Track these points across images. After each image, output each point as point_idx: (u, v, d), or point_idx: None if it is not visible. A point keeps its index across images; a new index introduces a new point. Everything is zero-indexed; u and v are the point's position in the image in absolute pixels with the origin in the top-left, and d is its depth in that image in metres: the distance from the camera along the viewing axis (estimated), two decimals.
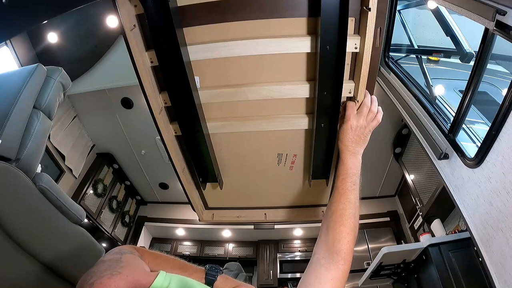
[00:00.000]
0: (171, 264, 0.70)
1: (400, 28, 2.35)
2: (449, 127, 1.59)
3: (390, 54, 2.33)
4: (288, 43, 0.88)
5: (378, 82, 2.34)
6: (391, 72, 2.26)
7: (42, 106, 1.25)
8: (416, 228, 4.18)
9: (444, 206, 3.18)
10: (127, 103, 4.00)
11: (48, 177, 1.22)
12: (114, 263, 0.55)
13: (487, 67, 1.33)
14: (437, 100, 1.92)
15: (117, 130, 4.31)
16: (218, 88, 0.99)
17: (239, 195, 1.36)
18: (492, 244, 1.24)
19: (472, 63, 1.47)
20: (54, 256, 1.16)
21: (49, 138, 3.52)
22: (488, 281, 1.28)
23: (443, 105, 1.87)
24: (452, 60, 2.18)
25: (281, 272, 5.09)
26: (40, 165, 1.80)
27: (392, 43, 2.31)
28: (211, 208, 1.43)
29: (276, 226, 4.76)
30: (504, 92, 1.13)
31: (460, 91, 1.89)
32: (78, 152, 4.16)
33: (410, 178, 3.75)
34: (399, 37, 2.36)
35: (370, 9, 0.76)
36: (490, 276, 1.24)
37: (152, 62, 0.92)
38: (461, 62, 1.86)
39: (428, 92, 2.01)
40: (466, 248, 2.62)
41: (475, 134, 1.63)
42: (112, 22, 3.02)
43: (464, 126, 1.56)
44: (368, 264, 3.98)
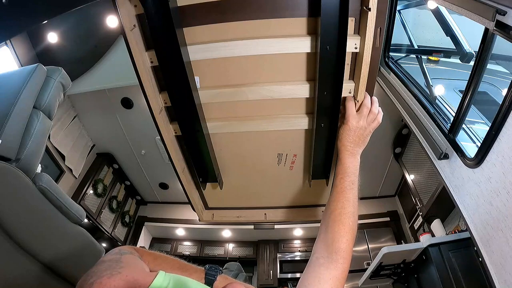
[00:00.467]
0: (171, 264, 0.70)
1: (400, 28, 2.34)
2: (449, 127, 1.59)
3: (390, 54, 2.33)
4: (288, 43, 0.88)
5: (378, 82, 2.34)
6: (391, 72, 2.26)
7: (42, 106, 1.25)
8: (416, 228, 4.18)
9: (444, 206, 3.18)
10: (127, 103, 4.00)
11: (48, 177, 1.22)
12: (114, 263, 0.55)
13: (487, 67, 1.33)
14: (437, 100, 1.92)
15: (117, 130, 4.31)
16: (218, 88, 0.99)
17: (239, 195, 1.36)
18: (492, 244, 1.24)
19: (472, 63, 1.47)
20: (54, 256, 1.16)
21: (49, 138, 3.52)
22: (488, 281, 1.28)
23: (443, 105, 1.87)
24: (452, 60, 2.18)
25: (281, 272, 5.09)
26: (40, 165, 1.81)
27: (392, 43, 2.31)
28: (211, 208, 1.43)
29: (276, 226, 4.76)
30: (504, 92, 1.13)
31: (460, 91, 1.89)
32: (78, 152, 4.16)
33: (410, 178, 3.75)
34: (399, 37, 2.36)
35: (370, 9, 0.76)
36: (490, 276, 1.24)
37: (152, 62, 0.92)
38: (461, 62, 1.86)
39: (428, 92, 2.01)
40: (466, 248, 2.62)
41: (475, 134, 1.63)
42: (112, 22, 3.02)
43: (464, 126, 1.56)
44: (368, 264, 3.97)
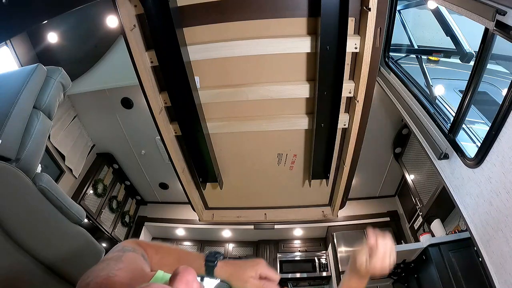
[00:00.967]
0: (173, 255, 0.73)
1: (400, 28, 2.35)
2: (449, 127, 1.59)
3: (390, 54, 2.33)
4: (288, 43, 0.88)
5: (378, 82, 2.34)
6: (391, 72, 2.26)
7: (42, 106, 1.25)
8: (416, 228, 4.17)
9: (444, 206, 3.18)
10: (127, 103, 4.00)
11: (48, 177, 1.22)
12: (113, 262, 0.57)
13: (487, 67, 1.33)
14: (437, 100, 1.92)
15: (117, 130, 4.31)
16: (218, 88, 1.00)
17: (239, 195, 1.37)
18: (492, 244, 1.24)
19: (472, 63, 1.47)
20: (54, 256, 1.16)
21: (49, 138, 3.52)
22: (488, 281, 1.28)
23: (443, 105, 1.87)
24: (452, 60, 2.18)
25: (281, 272, 5.09)
26: (40, 165, 1.80)
27: (392, 43, 2.31)
28: (211, 208, 1.43)
29: (276, 226, 4.75)
30: (504, 92, 1.13)
31: (460, 91, 1.89)
32: (78, 152, 4.16)
33: (410, 178, 3.74)
34: (399, 37, 2.36)
35: (370, 9, 0.76)
36: (490, 276, 1.24)
37: (152, 62, 0.92)
38: (461, 62, 1.86)
39: (428, 92, 2.01)
40: (466, 248, 2.62)
41: (475, 134, 1.63)
42: (112, 22, 3.02)
43: (464, 126, 1.57)
44: None
